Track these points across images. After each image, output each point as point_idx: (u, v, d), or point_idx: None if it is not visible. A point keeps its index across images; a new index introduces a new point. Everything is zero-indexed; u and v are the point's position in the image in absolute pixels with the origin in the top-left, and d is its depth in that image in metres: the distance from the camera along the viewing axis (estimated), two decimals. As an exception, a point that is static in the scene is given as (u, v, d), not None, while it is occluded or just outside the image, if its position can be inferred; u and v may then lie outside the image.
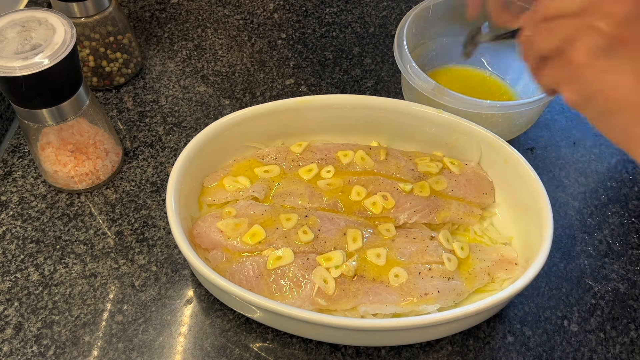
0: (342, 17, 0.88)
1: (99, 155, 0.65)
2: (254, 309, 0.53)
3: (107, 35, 0.72)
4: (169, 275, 0.60)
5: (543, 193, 0.57)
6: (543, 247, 0.54)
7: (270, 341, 0.57)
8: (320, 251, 0.56)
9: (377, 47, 0.84)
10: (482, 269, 0.57)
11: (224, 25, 0.86)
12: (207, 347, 0.56)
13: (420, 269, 0.56)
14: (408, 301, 0.54)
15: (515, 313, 0.59)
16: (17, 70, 0.52)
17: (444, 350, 0.57)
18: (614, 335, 0.59)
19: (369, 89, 0.79)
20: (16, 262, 0.61)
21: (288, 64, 0.81)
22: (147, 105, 0.75)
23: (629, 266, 0.63)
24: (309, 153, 0.64)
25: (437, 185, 0.62)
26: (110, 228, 0.64)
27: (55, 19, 0.57)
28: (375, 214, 0.60)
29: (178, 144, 0.71)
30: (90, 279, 0.60)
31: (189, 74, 0.79)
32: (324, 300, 0.53)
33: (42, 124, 0.59)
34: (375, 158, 0.64)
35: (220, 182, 0.62)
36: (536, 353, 0.57)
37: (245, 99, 0.77)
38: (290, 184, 0.62)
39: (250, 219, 0.57)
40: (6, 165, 0.68)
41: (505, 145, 0.61)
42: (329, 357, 0.56)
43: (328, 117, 0.66)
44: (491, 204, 0.64)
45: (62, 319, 0.57)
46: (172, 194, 0.55)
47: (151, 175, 0.68)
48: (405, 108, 0.64)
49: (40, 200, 0.65)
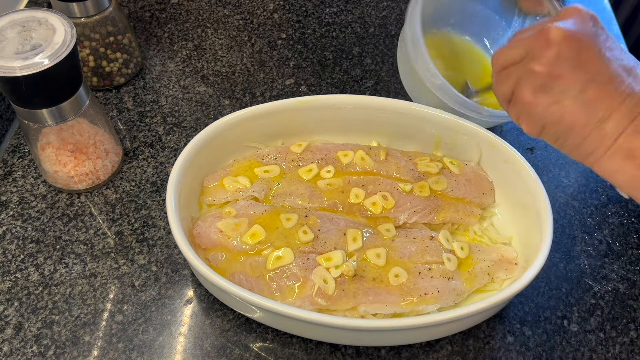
0: (342, 17, 0.88)
1: (99, 155, 0.65)
2: (254, 309, 0.53)
3: (107, 35, 0.72)
4: (169, 275, 0.60)
5: (543, 193, 0.57)
6: (543, 247, 0.54)
7: (270, 341, 0.57)
8: (320, 251, 0.56)
9: (377, 47, 0.84)
10: (482, 269, 0.57)
11: (224, 25, 0.86)
12: (207, 347, 0.56)
13: (420, 269, 0.56)
14: (408, 301, 0.54)
15: (515, 313, 0.59)
16: (17, 70, 0.52)
17: (444, 350, 0.57)
18: (613, 335, 0.59)
19: (369, 89, 0.79)
20: (16, 262, 0.61)
21: (288, 64, 0.81)
22: (147, 105, 0.75)
23: (629, 266, 0.63)
24: (309, 153, 0.64)
25: (437, 185, 0.62)
26: (110, 228, 0.64)
27: (55, 19, 0.57)
28: (375, 214, 0.60)
29: (178, 144, 0.71)
30: (90, 279, 0.60)
31: (189, 74, 0.79)
32: (324, 300, 0.53)
33: (42, 124, 0.59)
34: (375, 158, 0.64)
35: (220, 182, 0.62)
36: (536, 353, 0.57)
37: (245, 99, 0.77)
38: (290, 184, 0.62)
39: (250, 219, 0.57)
40: (6, 165, 0.68)
41: (505, 145, 0.61)
42: (329, 357, 0.56)
43: (328, 117, 0.66)
44: (491, 204, 0.64)
45: (62, 319, 0.57)
46: (172, 194, 0.55)
47: (151, 175, 0.68)
48: (405, 108, 0.64)
49: (40, 200, 0.65)
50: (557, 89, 0.46)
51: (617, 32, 0.89)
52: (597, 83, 0.45)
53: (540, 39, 0.46)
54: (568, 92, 0.46)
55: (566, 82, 0.45)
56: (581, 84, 0.45)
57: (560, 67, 0.45)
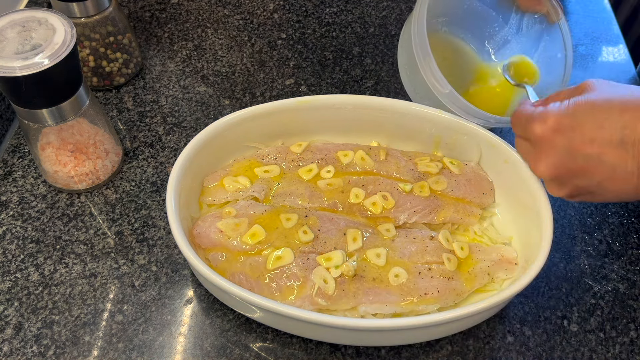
0: (342, 17, 0.88)
1: (99, 155, 0.65)
2: (254, 309, 0.53)
3: (107, 36, 0.72)
4: (169, 275, 0.60)
5: (543, 193, 0.57)
6: (543, 247, 0.54)
7: (270, 341, 0.57)
8: (320, 251, 0.56)
9: (377, 47, 0.84)
10: (482, 269, 0.57)
11: (224, 25, 0.86)
12: (207, 347, 0.56)
13: (420, 269, 0.56)
14: (408, 301, 0.54)
15: (515, 313, 0.59)
16: (17, 70, 0.52)
17: (444, 350, 0.57)
18: (613, 335, 0.59)
19: (369, 89, 0.79)
20: (16, 262, 0.61)
21: (288, 64, 0.81)
22: (147, 105, 0.75)
23: (629, 266, 0.63)
24: (309, 153, 0.64)
25: (437, 185, 0.62)
26: (110, 228, 0.64)
27: (55, 19, 0.57)
28: (375, 214, 0.60)
29: (178, 144, 0.71)
30: (90, 279, 0.60)
31: (189, 74, 0.79)
32: (324, 300, 0.53)
33: (42, 124, 0.59)
34: (375, 158, 0.64)
35: (220, 182, 0.62)
36: (536, 353, 0.57)
37: (245, 99, 0.77)
38: (290, 184, 0.62)
39: (250, 219, 0.57)
40: (6, 165, 0.68)
41: (505, 145, 0.61)
42: (329, 357, 0.56)
43: (328, 117, 0.66)
44: (491, 204, 0.64)
45: (62, 319, 0.57)
46: (172, 194, 0.55)
47: (151, 175, 0.68)
48: (405, 108, 0.64)
49: (40, 200, 0.65)
50: (555, 142, 0.51)
51: (617, 32, 0.89)
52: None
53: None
54: (565, 141, 0.49)
55: (568, 135, 0.49)
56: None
57: (560, 131, 0.49)
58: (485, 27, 0.73)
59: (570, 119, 0.49)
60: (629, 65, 0.84)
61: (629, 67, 0.84)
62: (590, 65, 0.84)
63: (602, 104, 0.48)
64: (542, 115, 0.51)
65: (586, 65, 0.84)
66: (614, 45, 0.87)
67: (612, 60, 0.85)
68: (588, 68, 0.83)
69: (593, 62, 0.84)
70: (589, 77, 0.80)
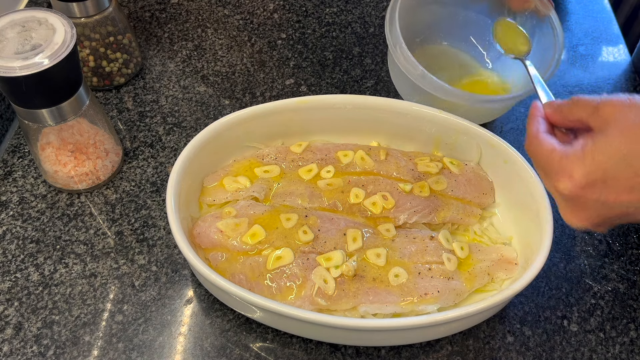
0: (342, 17, 0.88)
1: (99, 155, 0.65)
2: (254, 309, 0.53)
3: (107, 36, 0.72)
4: (169, 275, 0.60)
5: (543, 193, 0.57)
6: (543, 247, 0.54)
7: (270, 341, 0.57)
8: (320, 251, 0.56)
9: (377, 47, 0.84)
10: (482, 269, 0.57)
11: (224, 25, 0.86)
12: (207, 347, 0.56)
13: (420, 269, 0.56)
14: (408, 301, 0.54)
15: (515, 313, 0.59)
16: (17, 70, 0.52)
17: (444, 350, 0.57)
18: (613, 335, 0.59)
19: (369, 89, 0.79)
20: (16, 262, 0.61)
21: (288, 64, 0.81)
22: (147, 105, 0.75)
23: (629, 266, 0.63)
24: (309, 153, 0.64)
25: (437, 185, 0.62)
26: (110, 228, 0.64)
27: (55, 19, 0.57)
28: (375, 214, 0.60)
29: (178, 144, 0.71)
30: (90, 279, 0.60)
31: (189, 74, 0.79)
32: (324, 300, 0.53)
33: (42, 124, 0.59)
34: (375, 158, 0.64)
35: (220, 182, 0.62)
36: (536, 353, 0.57)
37: (245, 99, 0.77)
38: (290, 184, 0.62)
39: (250, 219, 0.57)
40: (6, 165, 0.68)
41: (505, 145, 0.61)
42: (329, 357, 0.56)
43: (328, 117, 0.66)
44: (491, 204, 0.64)
45: (62, 319, 0.57)
46: (172, 194, 0.55)
47: (151, 175, 0.68)
48: (405, 108, 0.64)
49: (40, 200, 0.65)
50: (586, 200, 0.46)
51: (617, 32, 0.89)
52: None
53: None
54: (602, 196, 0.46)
55: (599, 190, 0.46)
56: None
57: (588, 187, 0.45)
58: (483, 35, 0.74)
59: (602, 172, 0.44)
60: (629, 65, 0.84)
61: (629, 67, 0.84)
62: (590, 65, 0.84)
63: (634, 150, 0.43)
64: (565, 170, 0.46)
65: (586, 65, 0.84)
66: (614, 45, 0.87)
67: (612, 60, 0.85)
68: (588, 68, 0.83)
69: (593, 62, 0.84)
70: (588, 77, 0.82)
